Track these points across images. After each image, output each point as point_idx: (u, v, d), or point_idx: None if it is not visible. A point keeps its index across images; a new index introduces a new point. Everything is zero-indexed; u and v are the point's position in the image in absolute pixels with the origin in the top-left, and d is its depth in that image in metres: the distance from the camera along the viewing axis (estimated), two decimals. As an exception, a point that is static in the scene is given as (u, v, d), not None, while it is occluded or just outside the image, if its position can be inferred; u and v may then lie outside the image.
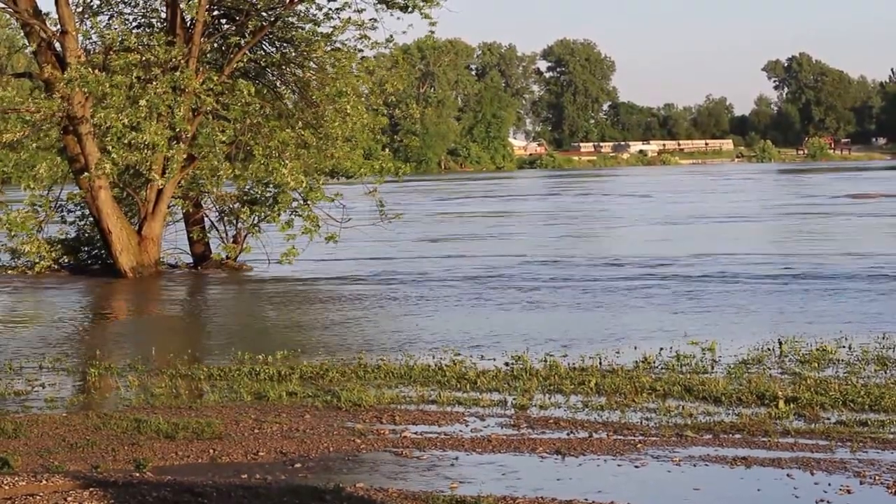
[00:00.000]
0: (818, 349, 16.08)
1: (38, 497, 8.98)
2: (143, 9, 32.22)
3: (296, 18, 31.62)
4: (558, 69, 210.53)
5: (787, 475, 9.89)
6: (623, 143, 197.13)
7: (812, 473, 9.92)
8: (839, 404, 12.41)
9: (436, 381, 14.29)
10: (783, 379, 14.00)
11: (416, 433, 11.62)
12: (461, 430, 11.73)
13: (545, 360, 15.78)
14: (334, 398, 13.25)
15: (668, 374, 14.46)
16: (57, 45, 30.07)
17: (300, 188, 30.75)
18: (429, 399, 13.29)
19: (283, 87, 32.77)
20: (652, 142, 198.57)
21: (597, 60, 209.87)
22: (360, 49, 31.57)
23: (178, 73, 29.23)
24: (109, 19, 31.46)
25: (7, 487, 9.25)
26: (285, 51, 32.05)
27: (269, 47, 32.42)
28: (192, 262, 32.43)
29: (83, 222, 32.28)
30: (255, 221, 31.92)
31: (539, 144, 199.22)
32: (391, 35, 31.66)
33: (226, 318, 23.44)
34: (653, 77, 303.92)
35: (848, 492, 9.41)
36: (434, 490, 9.46)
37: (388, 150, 48.72)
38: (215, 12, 31.38)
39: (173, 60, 29.38)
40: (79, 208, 32.20)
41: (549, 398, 13.18)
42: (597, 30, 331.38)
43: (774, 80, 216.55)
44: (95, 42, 31.23)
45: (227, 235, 32.55)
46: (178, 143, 29.23)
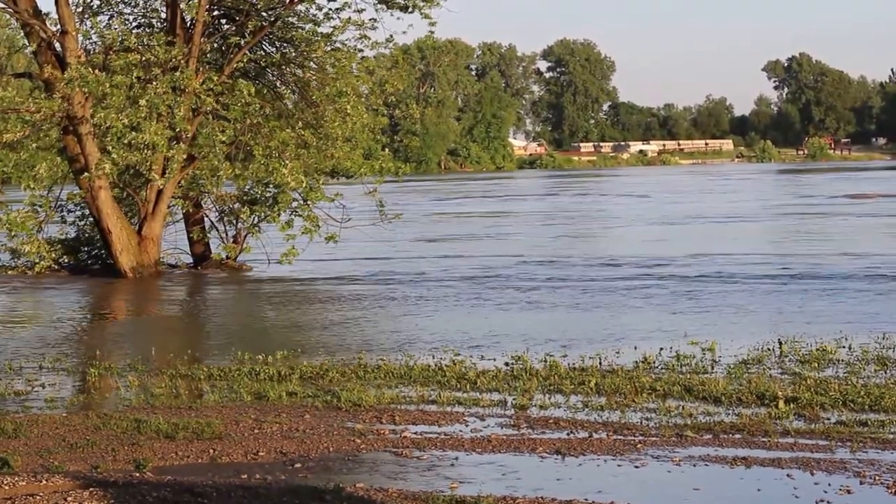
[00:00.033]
0: (818, 349, 16.08)
1: (38, 497, 8.99)
2: (143, 9, 32.24)
3: (296, 18, 31.62)
4: (558, 69, 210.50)
5: (787, 475, 9.89)
6: (623, 143, 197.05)
7: (812, 473, 9.93)
8: (839, 404, 12.41)
9: (436, 382, 14.29)
10: (783, 379, 14.01)
11: (416, 433, 11.62)
12: (461, 431, 11.73)
13: (545, 360, 15.78)
14: (334, 398, 13.25)
15: (667, 375, 14.46)
16: (57, 45, 30.06)
17: (300, 188, 30.75)
18: (429, 399, 13.29)
19: (283, 87, 32.77)
20: (652, 142, 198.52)
21: (597, 60, 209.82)
22: (360, 49, 31.63)
23: (178, 74, 29.23)
24: (109, 19, 31.48)
25: (7, 487, 9.25)
26: (285, 51, 32.05)
27: (269, 47, 32.42)
28: (192, 262, 32.43)
29: (83, 222, 32.28)
30: (255, 221, 31.91)
31: (539, 144, 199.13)
32: (391, 35, 31.72)
33: (226, 318, 23.44)
34: (653, 77, 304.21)
35: (848, 492, 9.41)
36: (434, 490, 9.46)
37: (388, 150, 48.79)
38: (215, 12, 31.38)
39: (173, 60, 29.38)
40: (79, 208, 32.19)
41: (549, 398, 13.19)
42: (597, 30, 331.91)
43: (774, 81, 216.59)
44: (95, 42, 31.25)
45: (226, 235, 32.56)
46: (178, 143, 29.23)
